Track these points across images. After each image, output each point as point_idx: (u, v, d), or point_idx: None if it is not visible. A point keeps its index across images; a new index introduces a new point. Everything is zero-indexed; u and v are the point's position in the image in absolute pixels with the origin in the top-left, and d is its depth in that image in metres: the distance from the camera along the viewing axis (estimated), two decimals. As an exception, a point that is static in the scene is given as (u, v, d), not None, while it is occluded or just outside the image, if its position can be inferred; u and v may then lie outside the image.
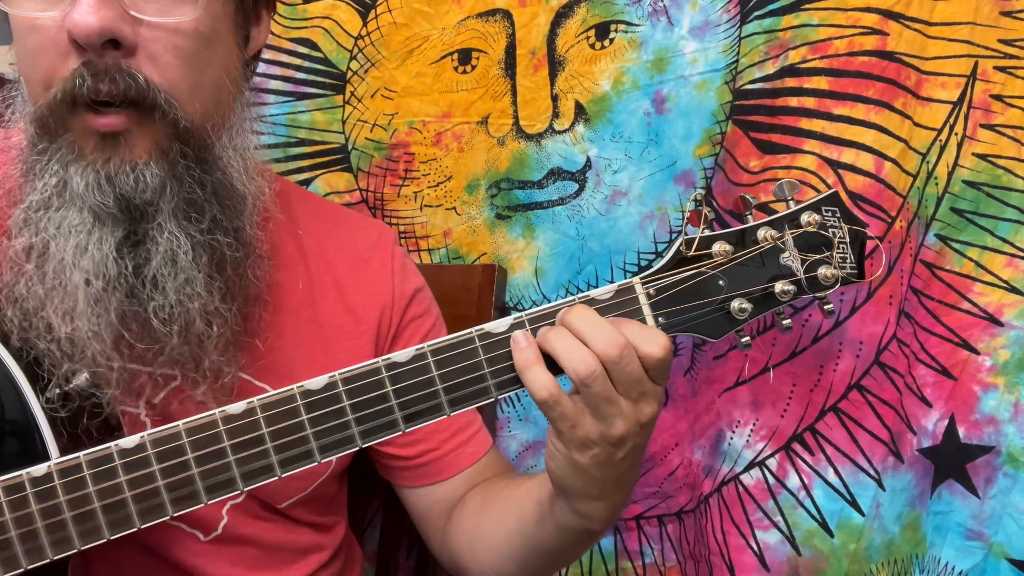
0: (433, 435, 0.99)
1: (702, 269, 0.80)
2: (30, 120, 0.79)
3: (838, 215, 0.84)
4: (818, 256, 0.82)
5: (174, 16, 0.76)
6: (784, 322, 0.83)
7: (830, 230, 0.83)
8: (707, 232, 0.80)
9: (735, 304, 0.80)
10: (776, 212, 0.85)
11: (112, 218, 0.76)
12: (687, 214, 0.81)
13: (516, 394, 0.96)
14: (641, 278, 0.79)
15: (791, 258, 0.82)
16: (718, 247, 0.80)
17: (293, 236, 0.99)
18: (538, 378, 0.72)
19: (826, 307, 0.84)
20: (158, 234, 0.78)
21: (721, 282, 0.80)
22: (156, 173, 0.77)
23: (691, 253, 0.80)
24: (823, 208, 0.84)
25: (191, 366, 0.82)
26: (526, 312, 0.76)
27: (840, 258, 0.83)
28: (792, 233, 0.82)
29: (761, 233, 0.81)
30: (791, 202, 0.83)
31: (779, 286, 0.81)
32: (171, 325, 0.79)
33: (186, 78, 0.78)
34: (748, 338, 0.82)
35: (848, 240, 0.83)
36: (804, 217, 0.82)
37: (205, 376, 0.83)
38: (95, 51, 0.74)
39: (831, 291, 0.82)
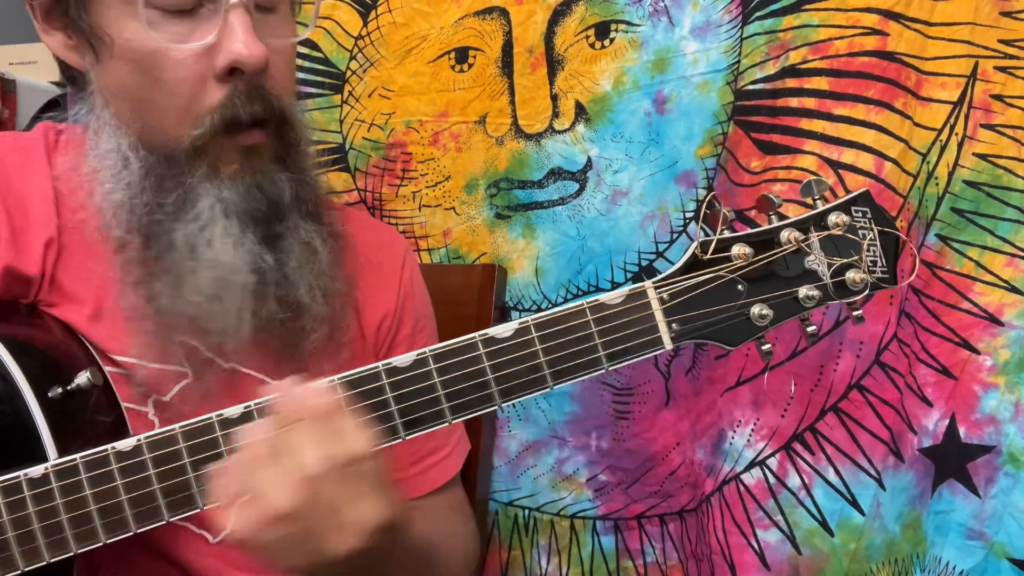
0: (400, 458, 0.99)
1: (720, 273, 0.75)
2: (160, 145, 0.81)
3: (868, 216, 0.79)
4: (845, 259, 0.76)
5: (284, 38, 0.84)
6: (809, 329, 0.79)
7: (859, 232, 0.78)
8: (726, 234, 0.76)
9: (755, 310, 0.75)
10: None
11: (255, 222, 0.82)
12: (703, 216, 0.77)
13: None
14: (654, 282, 0.75)
15: (817, 261, 0.76)
16: (737, 249, 0.75)
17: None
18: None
19: (855, 313, 0.79)
20: (294, 230, 0.85)
21: (740, 287, 0.75)
22: (288, 177, 0.84)
23: (708, 256, 0.75)
24: (852, 208, 0.78)
25: (332, 338, 0.89)
26: (532, 317, 0.73)
27: (870, 261, 0.78)
28: (818, 235, 0.77)
29: (785, 235, 0.76)
30: (818, 201, 0.78)
31: (803, 291, 0.76)
32: (316, 304, 0.86)
33: (293, 92, 0.87)
34: (769, 346, 0.78)
35: (879, 242, 0.78)
36: (832, 218, 0.77)
37: (339, 350, 0.90)
38: (250, 78, 0.79)
39: (859, 297, 0.77)
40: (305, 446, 0.63)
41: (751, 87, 1.08)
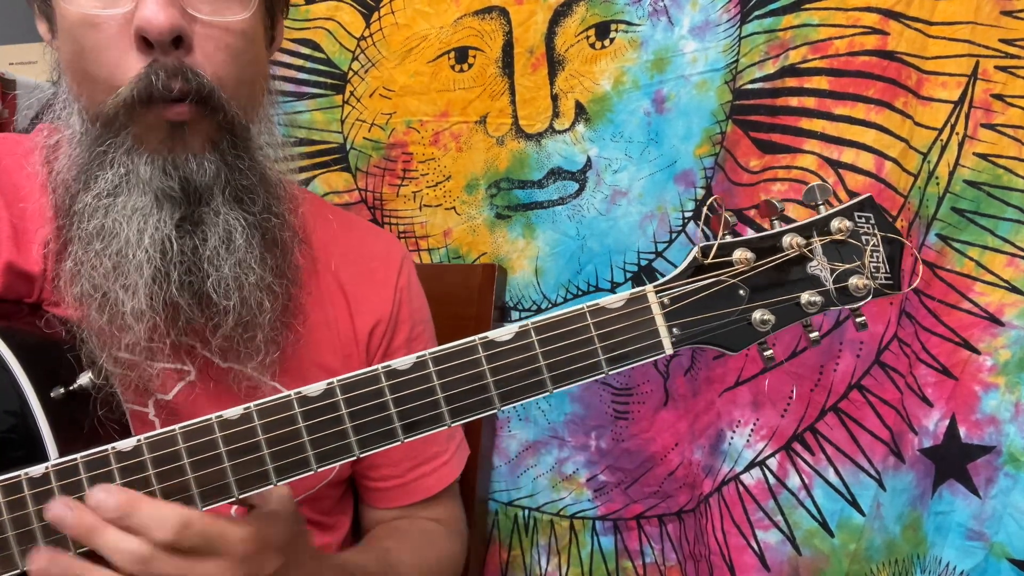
0: (401, 462, 1.00)
1: (721, 278, 0.74)
2: (92, 116, 0.80)
3: (872, 221, 0.78)
4: (848, 265, 0.76)
5: (226, 16, 0.80)
6: (812, 335, 0.78)
7: (863, 237, 0.77)
8: (728, 238, 0.75)
9: (757, 315, 0.74)
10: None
11: (172, 201, 0.80)
12: (704, 218, 0.76)
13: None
14: (655, 286, 0.74)
15: (819, 267, 0.76)
16: (739, 254, 0.74)
17: (303, 230, 0.99)
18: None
19: (858, 319, 0.78)
20: (215, 216, 0.82)
21: (742, 292, 0.75)
22: (212, 160, 0.81)
23: (709, 261, 0.74)
24: (856, 214, 0.77)
25: (246, 339, 0.85)
26: (532, 320, 0.73)
27: (873, 267, 0.77)
28: (821, 240, 0.76)
29: (787, 240, 0.75)
30: (821, 206, 0.78)
31: (806, 297, 0.75)
32: (228, 300, 0.82)
33: (234, 75, 0.82)
34: (772, 351, 0.77)
35: (882, 248, 0.78)
36: (835, 223, 0.76)
37: (259, 351, 0.86)
38: (162, 49, 0.76)
39: (863, 303, 0.76)
40: (121, 541, 0.66)
41: (750, 86, 1.08)
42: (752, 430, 1.10)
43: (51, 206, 0.84)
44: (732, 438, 1.11)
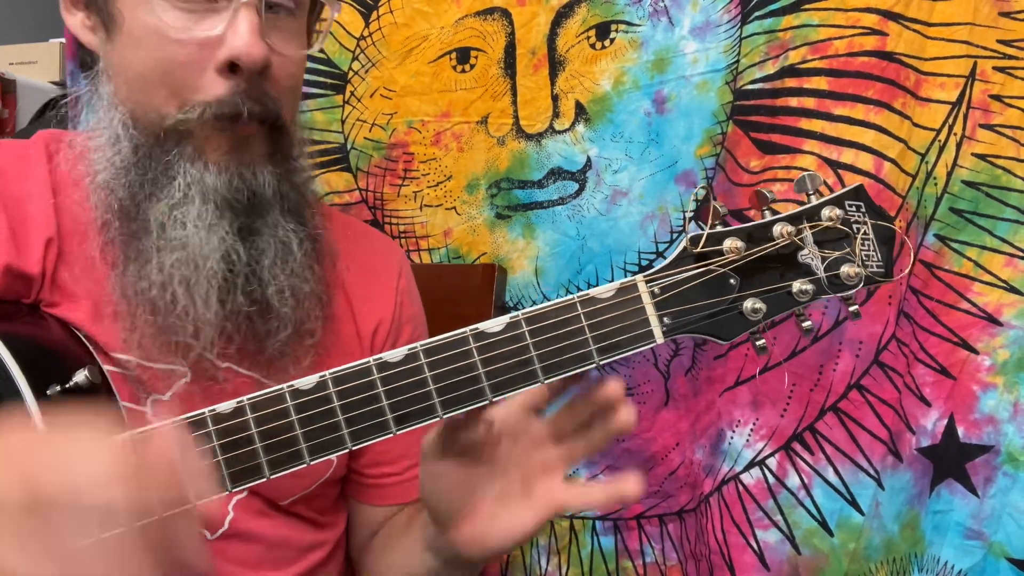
0: (399, 460, 1.00)
1: (711, 267, 0.74)
2: (147, 124, 0.83)
3: (863, 210, 0.77)
4: (840, 253, 0.75)
5: (294, 50, 0.86)
6: (804, 324, 0.77)
7: (854, 226, 0.76)
8: (719, 228, 0.75)
9: (748, 304, 0.74)
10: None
11: (233, 211, 0.83)
12: (691, 203, 0.76)
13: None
14: (645, 276, 0.74)
15: (810, 256, 0.75)
16: (729, 244, 0.74)
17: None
18: None
19: (851, 308, 0.78)
20: (272, 227, 0.86)
21: (732, 281, 0.74)
22: (272, 172, 0.85)
23: (699, 250, 0.74)
24: (846, 202, 0.77)
25: (298, 345, 0.88)
26: (522, 312, 0.73)
27: (864, 255, 0.76)
28: (811, 229, 0.76)
29: (777, 229, 0.75)
30: (812, 196, 0.77)
31: (796, 285, 0.74)
32: (285, 307, 0.86)
33: (292, 101, 0.89)
34: (763, 341, 0.77)
35: (873, 236, 0.77)
36: (825, 212, 0.76)
37: (306, 355, 0.89)
38: (246, 76, 0.80)
39: (854, 291, 0.76)
40: None
41: (750, 87, 1.08)
42: (752, 430, 1.10)
43: (98, 211, 0.85)
44: (732, 438, 1.11)
